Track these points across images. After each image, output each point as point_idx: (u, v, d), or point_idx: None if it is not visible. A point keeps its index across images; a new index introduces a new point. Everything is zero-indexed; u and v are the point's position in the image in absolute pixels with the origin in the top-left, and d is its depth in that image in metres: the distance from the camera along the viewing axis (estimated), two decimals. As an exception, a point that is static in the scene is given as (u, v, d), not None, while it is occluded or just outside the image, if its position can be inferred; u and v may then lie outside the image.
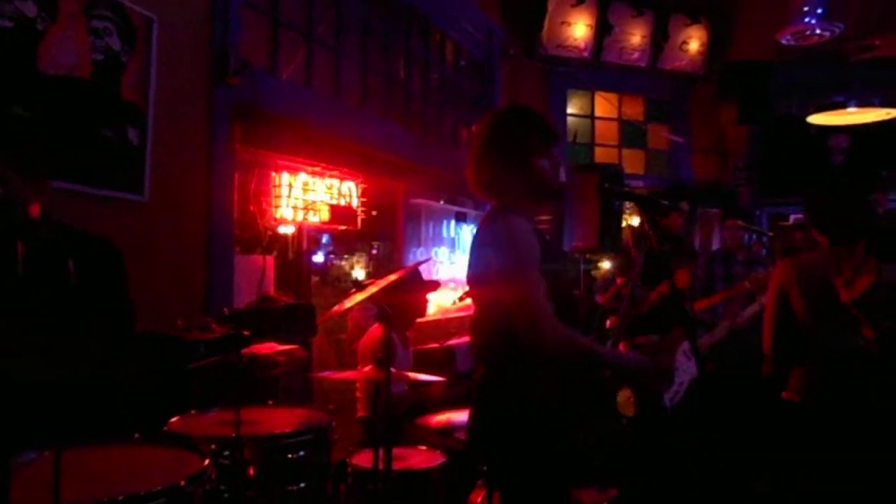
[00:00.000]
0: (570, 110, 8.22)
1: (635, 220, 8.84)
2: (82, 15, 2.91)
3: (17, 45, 2.63)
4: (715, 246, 4.94)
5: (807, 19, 5.56)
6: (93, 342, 1.80)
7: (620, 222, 4.71)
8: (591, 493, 3.05)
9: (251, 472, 2.06)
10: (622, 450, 3.46)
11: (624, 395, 3.65)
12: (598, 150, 8.39)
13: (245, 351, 2.19)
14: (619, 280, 4.78)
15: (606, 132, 8.49)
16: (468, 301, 2.72)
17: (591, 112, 8.40)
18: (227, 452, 2.05)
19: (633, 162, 8.50)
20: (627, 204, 5.02)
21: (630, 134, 8.60)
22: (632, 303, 4.19)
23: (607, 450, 3.23)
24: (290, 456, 2.16)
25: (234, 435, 2.01)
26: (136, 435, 1.86)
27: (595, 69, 7.90)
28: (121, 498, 1.45)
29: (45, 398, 1.74)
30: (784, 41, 5.88)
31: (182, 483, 1.56)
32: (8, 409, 1.30)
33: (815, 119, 5.40)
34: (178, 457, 1.79)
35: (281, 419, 2.38)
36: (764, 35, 6.70)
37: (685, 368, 3.84)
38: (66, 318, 1.80)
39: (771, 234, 5.32)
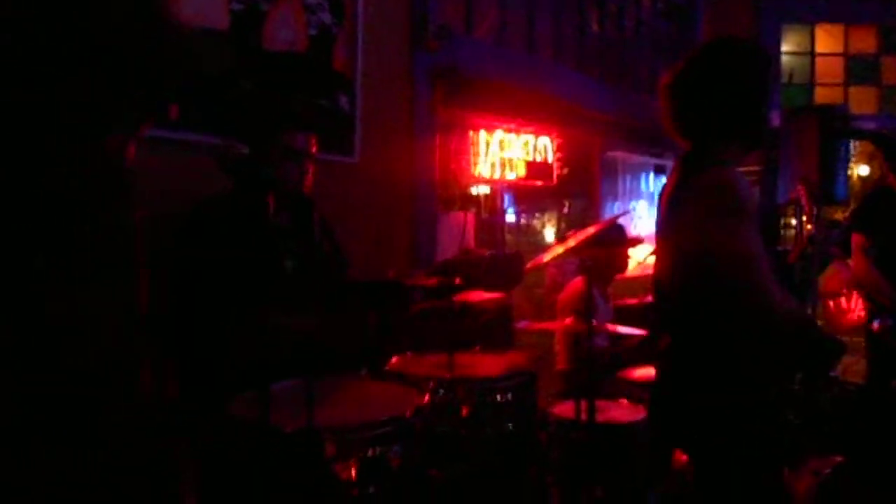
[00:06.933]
0: (784, 48, 7.44)
1: (863, 169, 7.84)
2: (298, -6, 3.16)
3: (246, 25, 2.94)
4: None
5: None
6: (334, 288, 2.01)
7: (847, 169, 4.20)
8: (813, 463, 2.80)
9: (464, 411, 2.18)
10: (846, 419, 3.15)
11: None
12: (818, 91, 7.54)
13: (456, 298, 2.32)
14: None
15: (829, 69, 7.58)
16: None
17: (810, 48, 7.54)
18: (441, 391, 2.19)
19: (862, 101, 7.53)
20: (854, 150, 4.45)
21: (859, 69, 7.61)
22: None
23: (829, 420, 2.95)
24: (499, 398, 2.25)
25: (448, 376, 2.14)
26: (363, 371, 2.06)
27: (815, -1, 7.07)
28: (356, 424, 1.63)
29: (293, 336, 1.97)
30: None
31: (407, 414, 1.70)
32: (263, 344, 1.49)
33: None
34: (400, 391, 1.95)
35: (490, 364, 2.48)
36: None
37: None
38: (313, 266, 2.03)
39: None
